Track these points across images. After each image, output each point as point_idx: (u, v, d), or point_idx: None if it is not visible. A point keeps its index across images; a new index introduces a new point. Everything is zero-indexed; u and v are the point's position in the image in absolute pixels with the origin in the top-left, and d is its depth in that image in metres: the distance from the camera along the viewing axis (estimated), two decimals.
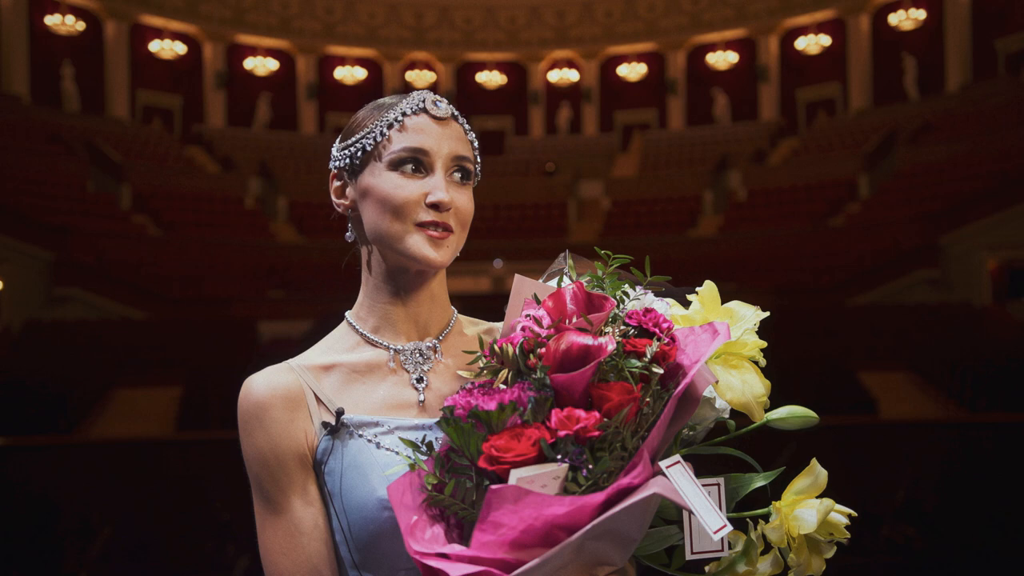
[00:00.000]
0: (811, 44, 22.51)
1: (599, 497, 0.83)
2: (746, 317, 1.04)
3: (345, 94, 24.06)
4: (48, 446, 7.62)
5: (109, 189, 18.84)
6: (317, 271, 17.20)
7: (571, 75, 24.57)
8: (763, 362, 1.04)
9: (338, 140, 1.17)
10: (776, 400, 1.06)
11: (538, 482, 0.83)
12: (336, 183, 1.17)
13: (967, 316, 13.51)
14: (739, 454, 1.04)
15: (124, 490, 6.59)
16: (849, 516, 1.04)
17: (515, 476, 0.82)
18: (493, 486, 0.82)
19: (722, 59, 23.45)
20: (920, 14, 21.00)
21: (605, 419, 0.86)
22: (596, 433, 0.85)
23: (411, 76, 24.37)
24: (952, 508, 6.53)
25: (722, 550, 0.96)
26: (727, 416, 1.04)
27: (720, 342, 0.93)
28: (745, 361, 1.02)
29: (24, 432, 8.06)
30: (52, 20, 20.73)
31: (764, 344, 1.04)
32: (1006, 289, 15.08)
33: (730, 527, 0.88)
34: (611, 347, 0.88)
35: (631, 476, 0.84)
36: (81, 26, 21.10)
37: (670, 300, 1.09)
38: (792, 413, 1.06)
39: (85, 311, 14.34)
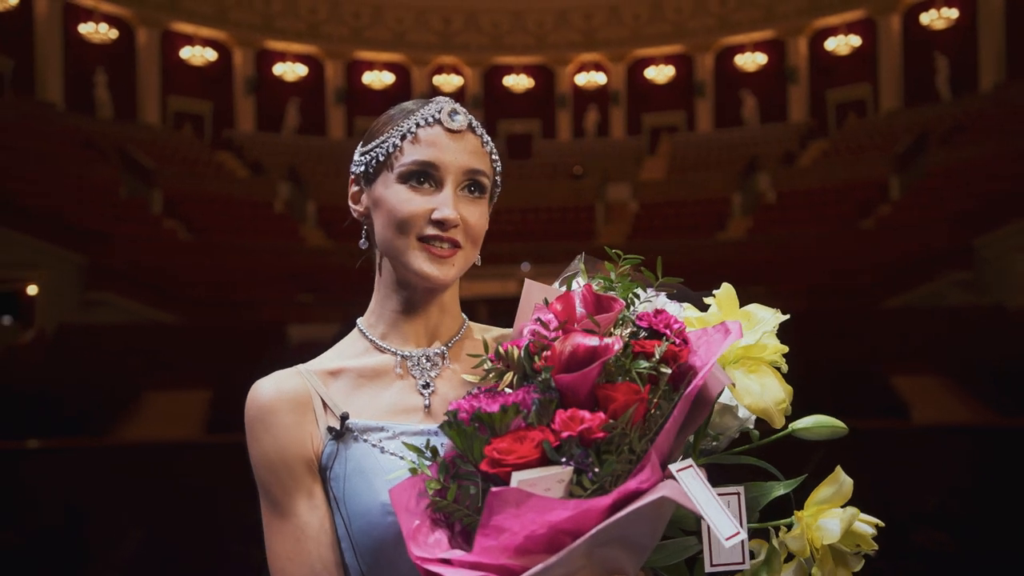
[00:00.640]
0: (841, 45, 22.29)
1: (605, 501, 0.81)
2: (765, 320, 1.02)
3: (373, 99, 24.17)
4: (80, 448, 7.72)
5: (141, 194, 19.06)
6: (345, 274, 17.27)
7: (598, 78, 24.52)
8: (785, 367, 1.01)
9: (359, 145, 1.17)
10: (805, 403, 1.04)
11: (541, 485, 0.81)
12: (354, 188, 1.18)
13: (1000, 319, 13.29)
14: (760, 463, 1.02)
15: (154, 493, 6.65)
16: (876, 526, 1.01)
17: (516, 479, 0.81)
18: (494, 488, 0.81)
19: (751, 60, 23.30)
20: (953, 13, 20.73)
21: (611, 420, 0.84)
22: (601, 434, 0.83)
23: (439, 80, 24.45)
24: (985, 513, 6.42)
25: (743, 562, 0.94)
26: (751, 426, 1.02)
27: (732, 341, 0.91)
28: (765, 365, 0.99)
29: (57, 435, 8.16)
30: (86, 28, 21.04)
31: (785, 348, 1.01)
32: None
33: (744, 535, 0.86)
34: (617, 347, 0.87)
35: (639, 480, 0.82)
36: (114, 34, 21.40)
37: (685, 304, 1.07)
38: (819, 423, 1.04)
39: (117, 315, 14.51)
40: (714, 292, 1.05)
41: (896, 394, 9.88)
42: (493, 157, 1.15)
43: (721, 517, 0.85)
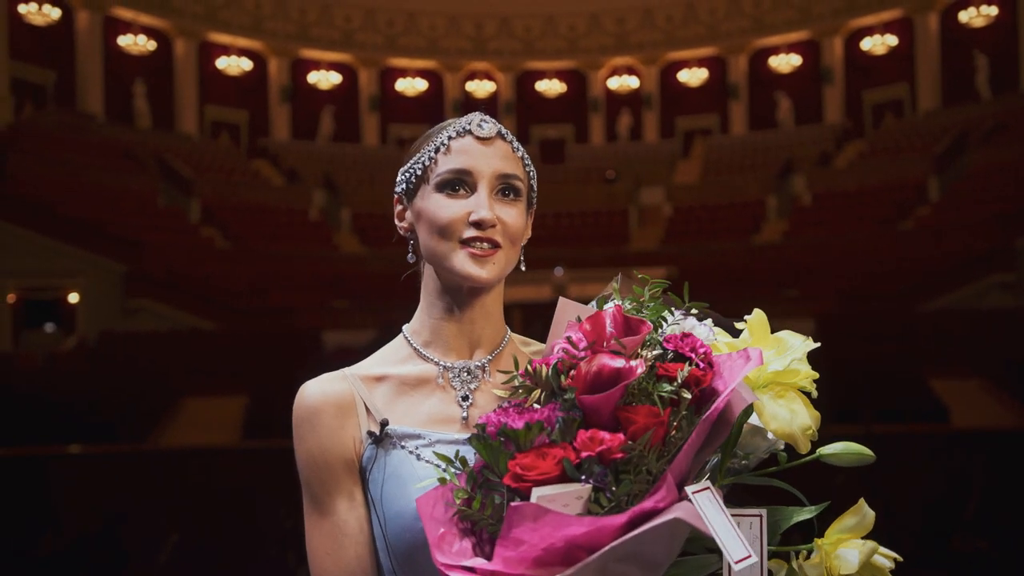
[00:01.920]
0: (877, 44, 22.05)
1: (620, 519, 0.83)
2: (795, 347, 1.03)
3: (406, 106, 24.34)
4: (120, 454, 7.84)
5: (179, 203, 19.36)
6: (380, 281, 17.38)
7: (631, 82, 24.48)
8: (815, 393, 1.02)
9: (402, 166, 1.21)
10: (840, 405, 1.03)
11: (559, 501, 0.84)
12: (398, 207, 1.22)
13: None
14: (785, 486, 1.02)
15: (191, 498, 6.74)
16: (895, 560, 1.02)
17: (536, 494, 0.84)
18: (513, 503, 0.84)
19: (785, 62, 23.12)
20: (992, 10, 20.43)
21: (630, 442, 0.86)
22: (620, 455, 0.85)
23: (471, 86, 24.55)
24: None
25: None
26: (781, 448, 1.03)
27: (752, 367, 0.93)
28: (793, 391, 1.01)
29: (97, 441, 8.30)
30: (125, 40, 21.43)
31: (816, 375, 1.02)
32: None
33: (755, 559, 0.87)
34: (641, 370, 0.89)
35: (654, 500, 0.84)
36: (152, 45, 21.77)
37: (716, 327, 1.08)
38: (847, 449, 1.05)
39: (156, 322, 14.74)
40: (745, 317, 1.06)
41: (935, 397, 9.74)
42: (525, 162, 1.19)
43: (733, 540, 0.86)
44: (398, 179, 1.20)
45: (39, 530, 6.25)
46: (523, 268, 1.19)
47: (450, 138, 1.14)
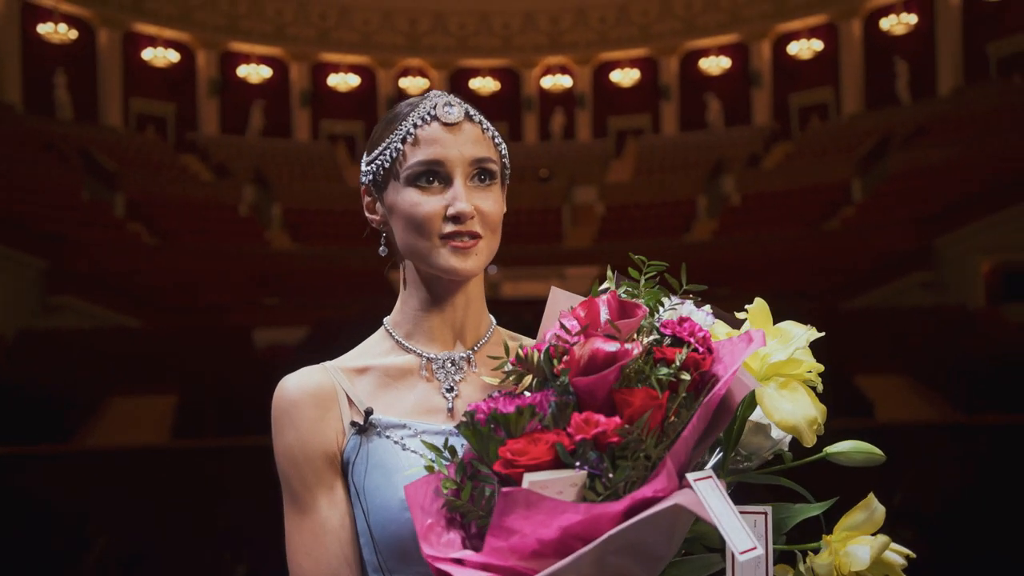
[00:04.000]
0: (803, 49, 22.55)
1: (618, 507, 0.80)
2: (797, 336, 1.00)
3: (339, 101, 24.06)
4: (44, 455, 7.59)
5: (103, 197, 18.79)
6: (312, 278, 17.16)
7: (565, 81, 24.59)
8: (820, 386, 0.99)
9: (364, 154, 1.17)
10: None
11: (553, 488, 0.81)
12: (367, 198, 1.18)
13: (961, 319, 13.52)
14: (791, 484, 1.00)
15: (120, 499, 6.57)
16: (908, 557, 1.00)
17: (528, 480, 0.80)
18: (504, 489, 0.80)
19: (715, 64, 23.49)
20: (912, 18, 21.07)
21: (626, 425, 0.83)
22: (616, 439, 0.82)
23: (405, 83, 24.37)
24: (949, 509, 6.53)
25: None
26: (786, 447, 1.01)
27: (755, 348, 0.90)
28: (797, 382, 0.97)
29: (19, 441, 8.02)
30: (45, 28, 20.69)
31: (821, 367, 0.99)
32: (1000, 291, 15.10)
33: (761, 550, 0.84)
34: (636, 351, 0.87)
35: (653, 487, 0.82)
36: (74, 34, 21.07)
37: (710, 315, 1.05)
38: (856, 448, 1.02)
39: (79, 319, 14.29)
40: (747, 307, 1.04)
41: (861, 393, 10.01)
42: (496, 141, 1.15)
43: (737, 530, 0.83)
44: (363, 169, 1.16)
45: None
46: (492, 271, 1.16)
47: (415, 126, 1.09)
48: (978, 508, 6.49)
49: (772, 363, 0.96)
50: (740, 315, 1.05)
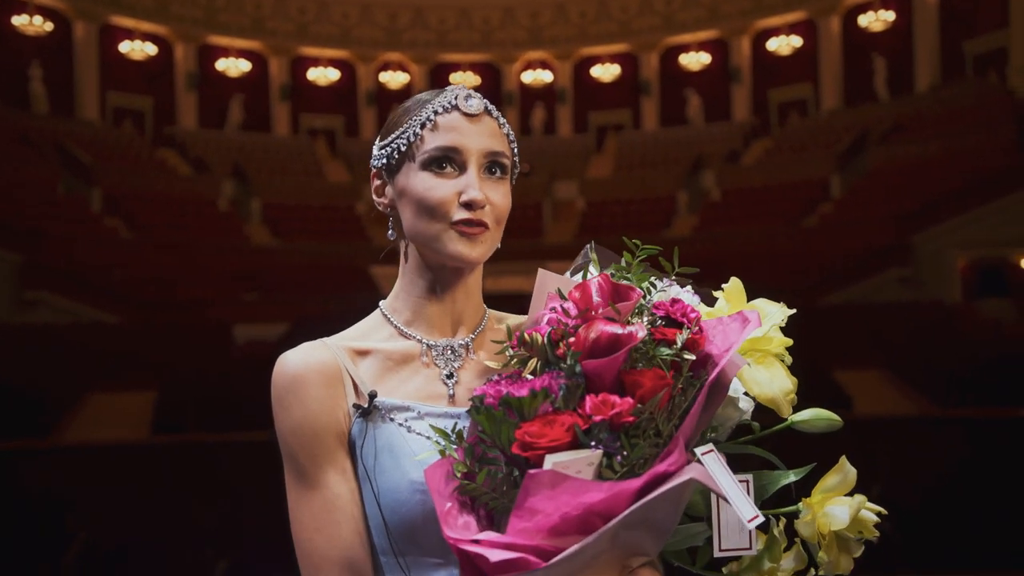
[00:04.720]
0: (783, 45, 22.69)
1: (636, 483, 0.83)
2: (771, 314, 1.06)
3: (318, 95, 23.95)
4: (21, 451, 7.52)
5: (80, 191, 18.62)
6: (292, 273, 17.08)
7: (545, 76, 24.61)
8: (789, 360, 1.05)
9: (377, 139, 1.18)
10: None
11: (573, 468, 0.83)
12: (376, 182, 1.19)
13: (938, 314, 13.66)
14: (766, 454, 1.05)
15: (99, 495, 6.52)
16: (879, 514, 1.05)
17: (550, 461, 0.82)
18: (531, 471, 0.82)
19: (695, 60, 23.58)
20: (889, 16, 21.24)
21: (639, 405, 0.86)
22: (631, 419, 0.85)
23: (384, 77, 24.30)
24: (926, 502, 6.61)
25: (750, 547, 0.96)
26: (749, 417, 1.05)
27: (751, 330, 0.94)
28: (772, 357, 1.03)
29: None
30: (19, 20, 20.45)
31: (789, 342, 1.05)
32: (976, 287, 15.27)
33: (763, 517, 0.88)
34: (641, 334, 0.89)
35: (667, 463, 0.85)
36: (49, 27, 20.83)
37: (692, 291, 1.10)
38: (817, 415, 1.08)
39: (55, 315, 14.15)
40: (723, 286, 1.08)
41: (839, 387, 10.09)
42: (510, 138, 1.19)
43: (743, 501, 0.87)
44: (376, 153, 1.17)
45: None
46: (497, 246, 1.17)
47: (436, 113, 1.12)
48: (954, 500, 6.57)
49: (748, 338, 1.01)
50: (716, 293, 1.10)
